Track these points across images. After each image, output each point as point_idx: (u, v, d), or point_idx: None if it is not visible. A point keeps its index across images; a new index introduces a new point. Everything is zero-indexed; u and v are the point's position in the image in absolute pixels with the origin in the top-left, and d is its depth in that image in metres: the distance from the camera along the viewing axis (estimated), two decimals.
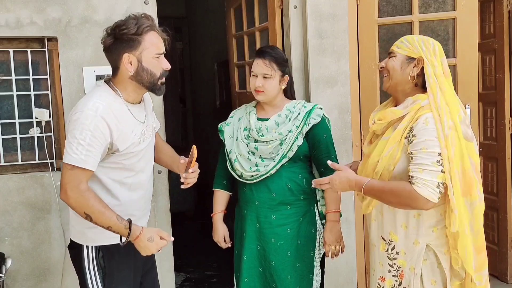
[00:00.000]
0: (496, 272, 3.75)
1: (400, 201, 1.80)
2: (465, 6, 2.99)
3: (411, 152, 1.79)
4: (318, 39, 3.06)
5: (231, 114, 2.55)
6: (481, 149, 3.63)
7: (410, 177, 1.77)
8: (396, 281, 1.94)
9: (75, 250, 2.03)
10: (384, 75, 1.98)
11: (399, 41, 1.96)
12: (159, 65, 1.94)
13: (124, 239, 1.88)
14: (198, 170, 2.11)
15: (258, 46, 3.31)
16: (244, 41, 3.50)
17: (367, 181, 1.86)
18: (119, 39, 1.87)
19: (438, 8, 3.05)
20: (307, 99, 3.07)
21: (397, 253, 1.92)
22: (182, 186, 2.08)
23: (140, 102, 2.05)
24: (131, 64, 1.89)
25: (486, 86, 3.75)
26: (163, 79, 1.98)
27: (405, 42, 1.93)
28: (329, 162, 2.02)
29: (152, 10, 2.81)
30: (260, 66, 2.33)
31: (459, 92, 3.02)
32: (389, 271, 1.95)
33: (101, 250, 1.99)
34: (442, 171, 1.74)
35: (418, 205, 1.76)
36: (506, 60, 3.55)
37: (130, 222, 1.88)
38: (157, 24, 1.97)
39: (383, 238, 1.97)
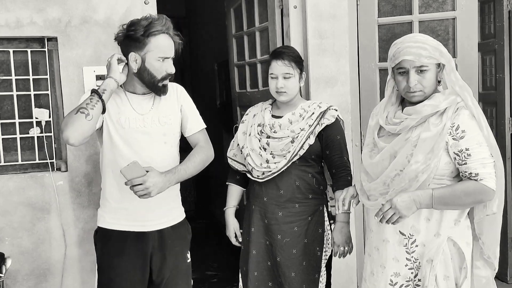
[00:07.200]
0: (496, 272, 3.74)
1: (474, 199, 1.82)
2: (465, 6, 2.99)
3: (467, 148, 1.78)
4: (318, 39, 3.06)
5: (247, 112, 2.57)
6: None
7: (473, 174, 1.78)
8: (412, 273, 1.91)
9: None
10: (417, 91, 1.84)
11: (425, 50, 1.80)
12: (162, 68, 2.01)
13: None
14: (143, 186, 1.89)
15: (258, 46, 3.31)
16: (244, 41, 3.50)
17: (433, 191, 1.79)
18: (128, 38, 1.99)
19: (438, 8, 3.05)
20: (307, 99, 3.07)
21: (416, 246, 1.90)
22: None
23: (147, 94, 2.09)
24: (136, 63, 1.99)
25: (486, 86, 3.75)
26: (165, 82, 2.04)
27: (432, 51, 1.81)
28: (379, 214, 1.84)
29: (152, 10, 2.81)
30: (280, 66, 2.32)
31: None
32: (406, 265, 1.92)
33: (99, 230, 2.18)
34: (494, 161, 1.81)
35: (489, 198, 1.82)
36: (506, 60, 3.55)
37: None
38: (171, 27, 2.02)
39: (401, 233, 1.91)
